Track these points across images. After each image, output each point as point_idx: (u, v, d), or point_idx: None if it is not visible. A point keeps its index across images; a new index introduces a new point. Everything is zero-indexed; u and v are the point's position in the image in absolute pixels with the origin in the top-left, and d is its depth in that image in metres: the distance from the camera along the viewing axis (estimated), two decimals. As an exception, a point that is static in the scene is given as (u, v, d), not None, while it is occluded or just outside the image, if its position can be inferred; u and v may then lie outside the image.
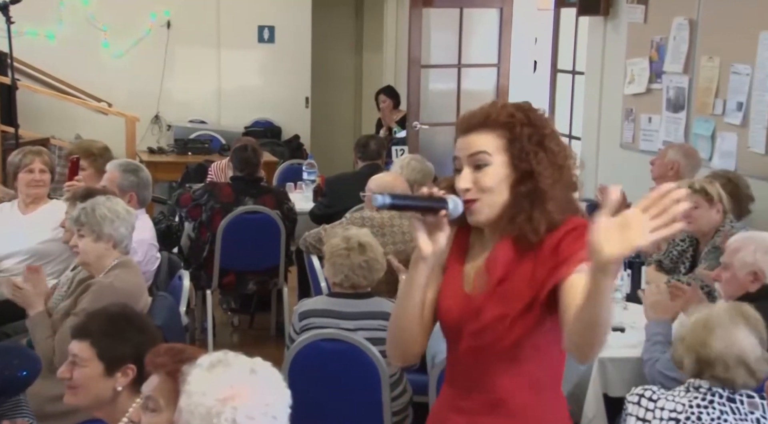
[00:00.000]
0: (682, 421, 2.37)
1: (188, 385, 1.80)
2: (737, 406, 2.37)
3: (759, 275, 3.14)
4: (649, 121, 5.88)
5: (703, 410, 2.37)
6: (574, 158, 1.96)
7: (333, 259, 3.55)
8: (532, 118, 1.91)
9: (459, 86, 8.16)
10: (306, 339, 3.41)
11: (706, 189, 4.03)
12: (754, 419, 2.32)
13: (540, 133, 1.90)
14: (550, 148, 1.89)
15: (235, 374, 1.86)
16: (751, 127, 4.91)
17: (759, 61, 4.85)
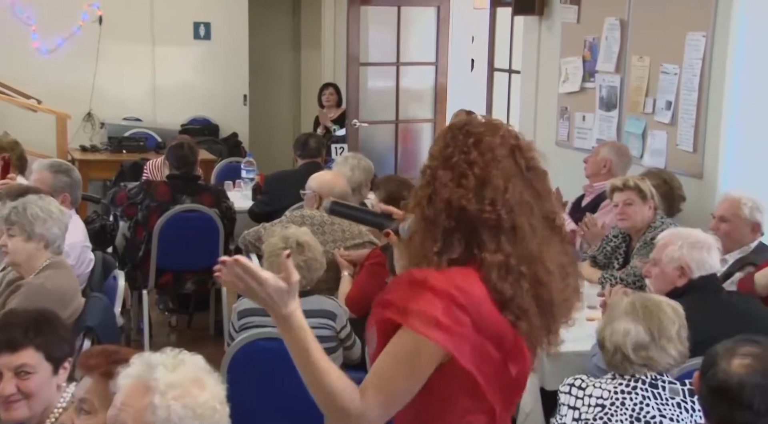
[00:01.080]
0: (608, 407, 2.44)
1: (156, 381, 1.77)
2: (659, 391, 2.44)
3: (685, 269, 3.22)
4: (583, 119, 5.99)
5: (627, 396, 2.45)
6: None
7: (271, 258, 3.54)
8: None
9: (398, 84, 8.20)
10: (245, 338, 3.39)
11: (639, 186, 4.12)
12: (674, 404, 2.40)
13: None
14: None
15: (198, 370, 1.85)
16: (680, 126, 5.03)
17: (686, 61, 4.97)
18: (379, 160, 7.90)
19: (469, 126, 1.74)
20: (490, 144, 1.70)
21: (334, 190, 4.51)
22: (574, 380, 2.58)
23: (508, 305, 1.64)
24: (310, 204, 4.48)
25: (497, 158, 1.69)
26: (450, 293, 1.61)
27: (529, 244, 1.67)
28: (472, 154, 1.69)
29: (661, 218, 4.18)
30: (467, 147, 1.70)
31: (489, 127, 1.74)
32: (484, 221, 1.65)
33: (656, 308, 2.56)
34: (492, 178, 1.68)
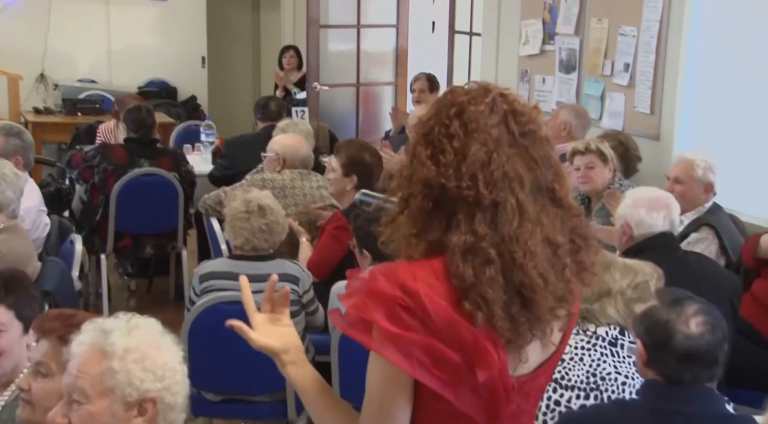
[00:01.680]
0: (567, 361, 2.47)
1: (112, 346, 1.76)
2: (617, 350, 2.48)
3: (626, 227, 3.28)
4: (543, 82, 6.00)
5: (586, 352, 2.48)
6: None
7: (233, 222, 3.52)
8: None
9: (358, 47, 8.13)
10: (207, 302, 3.38)
11: (601, 149, 4.16)
12: (631, 362, 2.45)
13: None
14: None
15: (153, 333, 1.84)
16: (637, 88, 5.07)
17: (644, 23, 4.99)
18: (340, 123, 7.87)
19: (452, 95, 1.57)
20: (473, 113, 1.52)
21: (298, 153, 4.49)
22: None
23: (468, 293, 1.47)
24: (272, 167, 4.45)
25: (481, 128, 1.51)
26: (393, 296, 1.47)
27: (508, 223, 1.49)
28: (453, 126, 1.52)
29: (619, 179, 4.23)
30: (448, 118, 1.53)
31: (476, 94, 1.55)
32: (464, 200, 1.49)
33: (605, 266, 2.57)
34: (473, 151, 1.50)
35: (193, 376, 3.38)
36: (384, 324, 1.46)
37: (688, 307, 2.16)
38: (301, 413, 3.50)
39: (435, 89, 6.67)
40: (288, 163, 4.43)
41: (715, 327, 2.14)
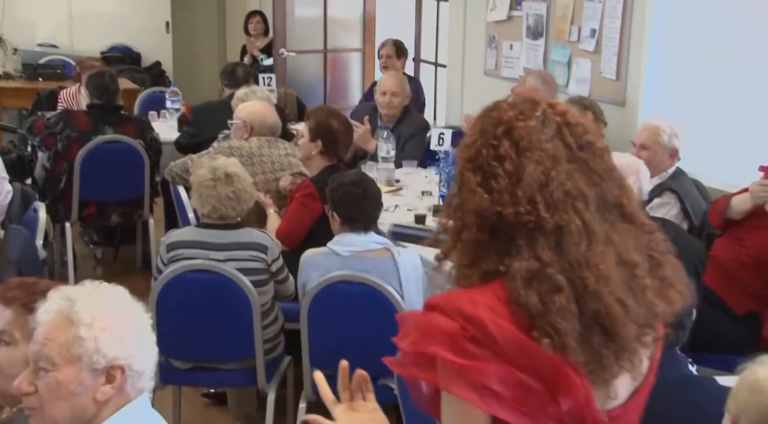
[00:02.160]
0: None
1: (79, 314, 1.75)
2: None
3: None
4: (510, 48, 6.00)
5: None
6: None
7: (200, 190, 3.50)
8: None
9: (326, 12, 8.06)
10: (175, 270, 3.37)
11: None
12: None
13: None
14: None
15: (121, 300, 1.83)
16: (603, 54, 5.08)
17: (610, -10, 5.01)
18: (308, 90, 7.82)
19: (497, 111, 1.41)
20: (524, 129, 1.37)
21: (266, 120, 4.46)
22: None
23: (536, 322, 1.32)
24: (239, 134, 4.41)
25: (534, 145, 1.36)
26: (454, 326, 1.33)
27: (575, 246, 1.35)
28: (503, 146, 1.37)
29: (586, 146, 4.25)
30: (496, 138, 1.38)
31: (523, 108, 1.40)
32: (523, 225, 1.35)
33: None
34: (528, 172, 1.35)
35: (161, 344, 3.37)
36: (448, 357, 1.32)
37: None
38: (271, 379, 3.51)
39: (402, 55, 6.64)
40: (255, 131, 4.40)
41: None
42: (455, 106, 6.71)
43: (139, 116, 6.07)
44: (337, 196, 3.33)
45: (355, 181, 3.35)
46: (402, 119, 5.25)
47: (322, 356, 3.33)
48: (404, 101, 5.29)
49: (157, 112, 6.51)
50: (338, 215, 3.34)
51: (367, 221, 3.31)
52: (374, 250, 3.31)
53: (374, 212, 3.34)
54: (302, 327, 3.32)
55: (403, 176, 4.83)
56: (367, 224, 3.31)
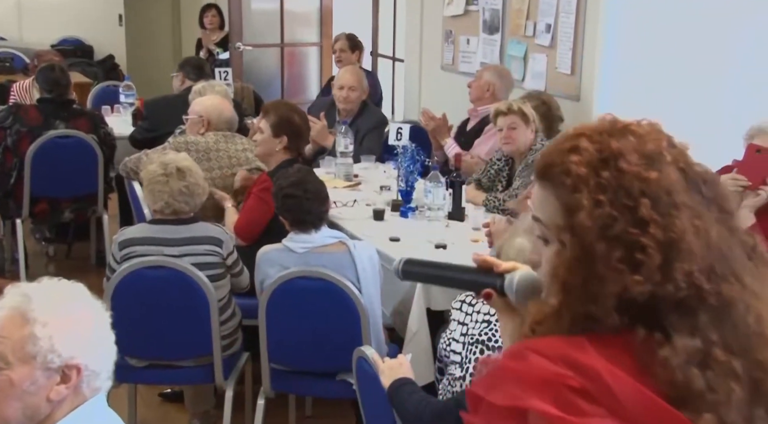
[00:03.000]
0: (494, 322, 2.53)
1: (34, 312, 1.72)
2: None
3: None
4: (467, 43, 6.03)
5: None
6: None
7: (151, 186, 3.46)
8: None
9: (282, 6, 8.02)
10: (129, 267, 3.34)
11: (523, 110, 4.21)
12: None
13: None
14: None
15: (79, 298, 1.81)
16: (559, 49, 5.13)
17: (566, -16, 5.06)
18: (266, 84, 7.78)
19: (620, 157, 1.13)
20: (661, 181, 1.11)
21: (222, 115, 4.43)
22: (465, 296, 2.65)
23: (689, 400, 1.08)
24: (195, 129, 4.38)
25: (678, 200, 1.10)
26: (558, 374, 1.07)
27: (743, 322, 1.11)
28: (642, 207, 1.09)
29: (542, 140, 4.29)
30: (630, 197, 1.09)
31: (647, 151, 1.14)
32: (680, 303, 1.09)
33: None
34: (681, 236, 1.08)
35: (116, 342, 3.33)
36: (551, 411, 1.05)
37: None
38: (229, 376, 3.50)
39: (356, 49, 6.64)
40: (212, 126, 4.37)
41: None
42: (413, 100, 6.73)
43: (91, 111, 5.99)
44: (279, 201, 3.32)
45: (293, 182, 3.33)
46: (360, 114, 5.25)
47: (280, 351, 3.33)
48: (362, 96, 5.28)
49: (110, 106, 6.44)
50: (284, 219, 3.34)
51: (314, 220, 3.30)
52: (330, 244, 3.31)
53: (319, 210, 3.32)
54: (260, 323, 3.31)
55: (362, 171, 4.83)
56: (314, 223, 3.30)
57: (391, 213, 4.13)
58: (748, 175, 3.34)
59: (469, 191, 4.24)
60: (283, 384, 3.43)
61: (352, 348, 2.71)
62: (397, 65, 7.55)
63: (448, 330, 2.64)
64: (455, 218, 4.00)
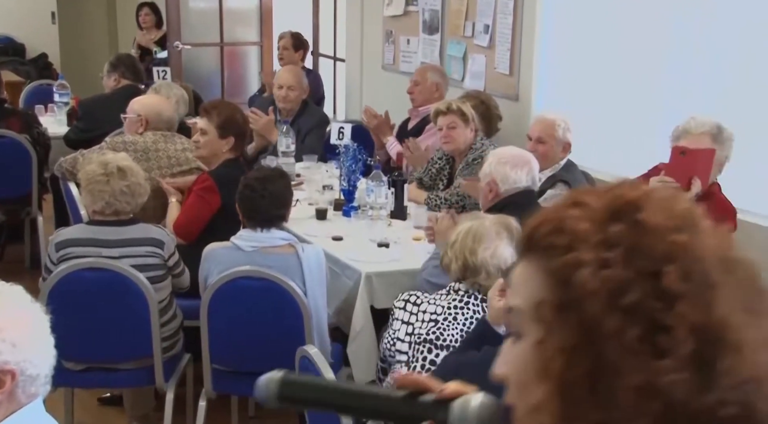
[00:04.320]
0: (441, 321, 2.55)
1: None
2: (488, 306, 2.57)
3: (492, 184, 3.40)
4: (407, 43, 6.06)
5: (459, 311, 2.57)
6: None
7: (91, 186, 3.40)
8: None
9: (221, 4, 7.96)
10: (65, 269, 3.28)
11: (462, 109, 4.25)
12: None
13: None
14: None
15: (18, 301, 1.77)
16: (497, 49, 5.20)
17: (502, -15, 5.13)
18: (205, 84, 7.70)
19: (639, 210, 0.82)
20: (693, 245, 0.81)
21: (162, 115, 4.38)
22: (409, 296, 2.66)
23: None
24: (133, 129, 4.32)
25: (715, 279, 0.80)
26: None
27: None
28: (669, 276, 0.78)
29: (481, 139, 4.34)
30: (651, 259, 0.79)
31: (678, 210, 0.83)
32: (721, 421, 0.78)
33: (516, 229, 2.63)
34: (724, 323, 0.78)
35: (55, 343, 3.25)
36: None
37: None
38: (170, 378, 3.46)
39: (301, 48, 6.62)
40: (151, 125, 4.31)
41: None
42: (354, 99, 6.73)
43: (24, 110, 5.89)
44: (239, 192, 3.30)
45: (260, 178, 3.31)
46: (301, 113, 5.23)
47: (222, 352, 3.30)
48: (302, 95, 5.27)
49: (44, 105, 6.31)
50: (239, 209, 3.31)
51: (265, 220, 3.28)
52: (278, 246, 3.29)
53: (274, 212, 3.30)
54: (202, 323, 3.28)
55: (304, 171, 4.82)
56: (264, 222, 3.29)
57: (334, 212, 4.13)
58: (675, 176, 3.42)
59: (411, 190, 4.27)
60: (225, 385, 3.41)
61: (295, 348, 2.71)
62: (338, 65, 7.55)
63: (391, 330, 2.64)
64: (397, 217, 4.02)
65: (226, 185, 3.75)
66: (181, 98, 4.94)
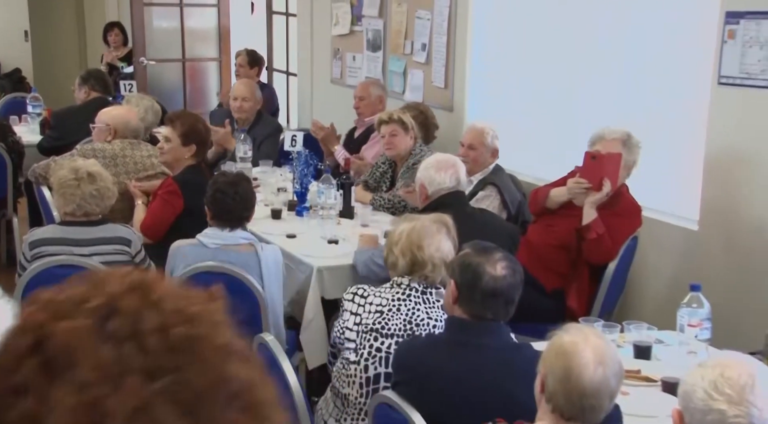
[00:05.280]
0: (386, 312, 2.57)
1: None
2: (428, 297, 2.60)
3: (422, 188, 3.44)
4: (353, 59, 6.07)
5: (402, 302, 2.59)
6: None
7: (63, 189, 3.35)
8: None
9: (182, 24, 7.90)
10: (39, 266, 3.21)
11: (402, 119, 4.28)
12: (439, 306, 2.57)
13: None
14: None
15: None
16: (433, 65, 5.25)
17: (437, 8, 5.16)
18: (169, 96, 7.62)
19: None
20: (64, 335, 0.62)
21: (129, 124, 4.34)
22: (357, 289, 2.66)
23: None
24: (101, 137, 4.26)
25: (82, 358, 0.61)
26: None
27: None
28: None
29: (420, 146, 4.38)
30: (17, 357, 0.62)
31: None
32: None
33: (451, 225, 2.67)
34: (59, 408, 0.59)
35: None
36: None
37: (495, 254, 2.27)
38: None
39: (256, 64, 6.58)
40: (119, 134, 4.27)
41: (515, 271, 2.27)
42: (306, 110, 6.73)
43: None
44: (211, 192, 3.28)
45: (231, 181, 3.28)
46: (256, 123, 5.22)
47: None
48: (256, 106, 5.26)
49: (18, 116, 6.19)
50: (208, 210, 3.29)
51: (233, 220, 3.26)
52: (240, 244, 3.28)
53: (242, 213, 3.28)
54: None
55: (260, 175, 4.80)
56: (231, 222, 3.27)
57: (288, 212, 4.13)
58: (588, 178, 3.50)
59: (358, 192, 4.28)
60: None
61: (253, 335, 2.71)
62: (291, 79, 7.53)
63: (341, 320, 2.65)
64: (345, 216, 4.03)
65: (188, 189, 3.73)
66: (150, 108, 4.87)
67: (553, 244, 3.61)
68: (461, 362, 2.21)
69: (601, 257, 3.50)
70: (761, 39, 3.37)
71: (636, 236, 3.59)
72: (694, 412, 1.51)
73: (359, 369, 2.55)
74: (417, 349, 2.34)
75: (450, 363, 2.22)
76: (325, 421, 2.64)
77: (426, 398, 2.17)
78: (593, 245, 3.46)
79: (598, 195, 3.46)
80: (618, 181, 3.51)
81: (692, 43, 3.74)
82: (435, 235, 2.62)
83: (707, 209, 3.65)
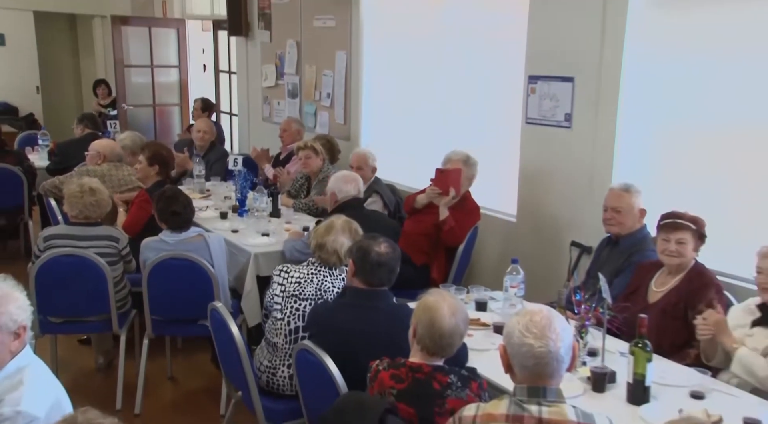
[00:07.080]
0: (302, 282, 2.49)
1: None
2: (333, 272, 2.53)
3: (333, 195, 3.36)
4: (278, 103, 5.92)
5: (314, 276, 2.51)
6: None
7: (71, 199, 3.15)
8: None
9: (153, 80, 7.56)
10: (49, 255, 2.99)
11: (314, 146, 4.18)
12: (342, 279, 2.50)
13: None
14: None
15: (10, 285, 1.61)
16: (335, 108, 5.17)
17: (337, 69, 5.10)
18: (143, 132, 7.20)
19: None
20: None
21: (114, 151, 4.14)
22: (283, 267, 2.57)
23: None
24: (93, 161, 4.05)
25: None
26: None
27: None
28: None
29: (327, 165, 4.28)
30: None
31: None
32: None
33: (347, 223, 2.57)
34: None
35: (40, 306, 2.94)
36: None
37: (379, 238, 2.25)
38: (123, 326, 3.19)
39: (207, 108, 6.31)
40: (107, 159, 4.03)
41: (394, 249, 2.24)
42: (245, 141, 6.52)
43: (17, 150, 5.41)
44: (157, 208, 3.10)
45: (170, 196, 3.11)
46: (210, 150, 5.00)
47: (158, 308, 3.09)
48: (211, 138, 5.04)
49: (31, 147, 5.80)
50: (159, 221, 3.10)
51: (180, 224, 3.08)
52: (192, 236, 3.11)
53: (185, 217, 3.10)
54: (144, 289, 3.05)
55: (212, 187, 4.61)
56: (181, 225, 3.09)
57: (232, 214, 3.96)
58: (439, 186, 3.52)
59: (283, 199, 4.15)
60: (160, 329, 3.18)
61: (207, 303, 2.56)
62: (233, 118, 7.28)
63: (271, 289, 2.55)
64: (274, 216, 3.90)
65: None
66: (136, 138, 4.59)
67: (421, 232, 3.60)
68: (359, 319, 2.16)
69: (453, 242, 3.51)
70: (551, 94, 3.48)
71: (477, 226, 3.62)
72: (513, 345, 1.52)
73: (284, 324, 2.46)
74: (326, 310, 2.27)
75: (351, 319, 2.17)
76: (261, 362, 2.53)
77: (334, 347, 2.10)
78: (448, 233, 3.47)
79: (447, 198, 3.48)
80: (461, 189, 3.53)
81: (510, 95, 3.83)
82: (339, 232, 2.55)
83: (521, 207, 3.74)
